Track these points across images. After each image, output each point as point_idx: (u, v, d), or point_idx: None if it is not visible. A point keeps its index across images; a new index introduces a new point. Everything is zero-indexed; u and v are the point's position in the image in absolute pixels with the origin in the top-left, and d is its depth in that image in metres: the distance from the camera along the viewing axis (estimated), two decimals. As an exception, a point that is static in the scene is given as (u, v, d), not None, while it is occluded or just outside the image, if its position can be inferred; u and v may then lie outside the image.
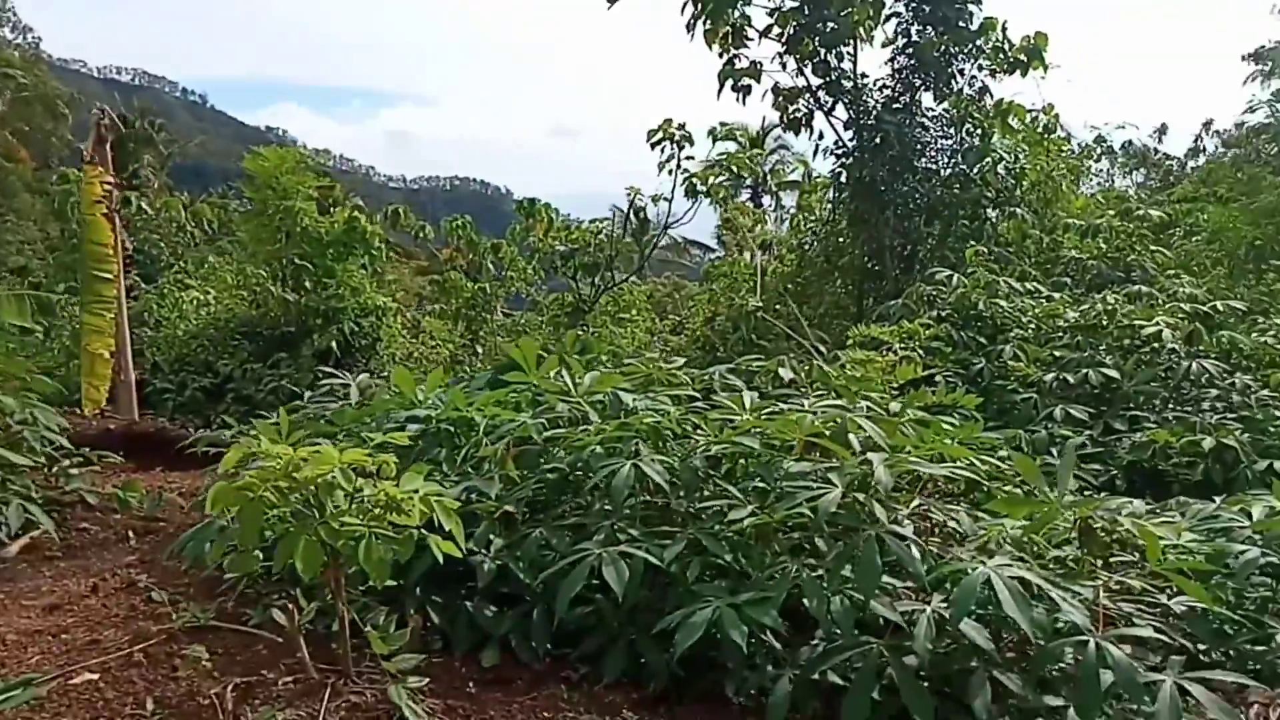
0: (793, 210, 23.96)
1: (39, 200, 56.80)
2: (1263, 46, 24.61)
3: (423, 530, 3.30)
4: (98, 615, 3.96)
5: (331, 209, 14.78)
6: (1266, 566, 4.22)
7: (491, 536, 4.04)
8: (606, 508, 4.25)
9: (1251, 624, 4.08)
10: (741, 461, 4.44)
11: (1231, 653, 3.97)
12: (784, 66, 14.04)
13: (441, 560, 3.34)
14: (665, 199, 14.82)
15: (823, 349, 9.94)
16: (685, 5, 13.57)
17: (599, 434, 4.26)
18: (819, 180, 19.33)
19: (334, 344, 12.75)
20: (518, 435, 4.34)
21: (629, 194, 15.73)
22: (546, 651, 3.86)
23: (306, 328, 13.05)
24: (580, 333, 12.42)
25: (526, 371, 5.00)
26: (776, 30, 13.92)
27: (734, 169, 16.43)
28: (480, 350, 18.89)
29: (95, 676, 3.30)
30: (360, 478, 3.29)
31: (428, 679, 3.42)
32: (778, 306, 12.77)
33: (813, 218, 16.78)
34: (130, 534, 5.51)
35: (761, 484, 4.06)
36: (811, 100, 13.97)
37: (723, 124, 15.70)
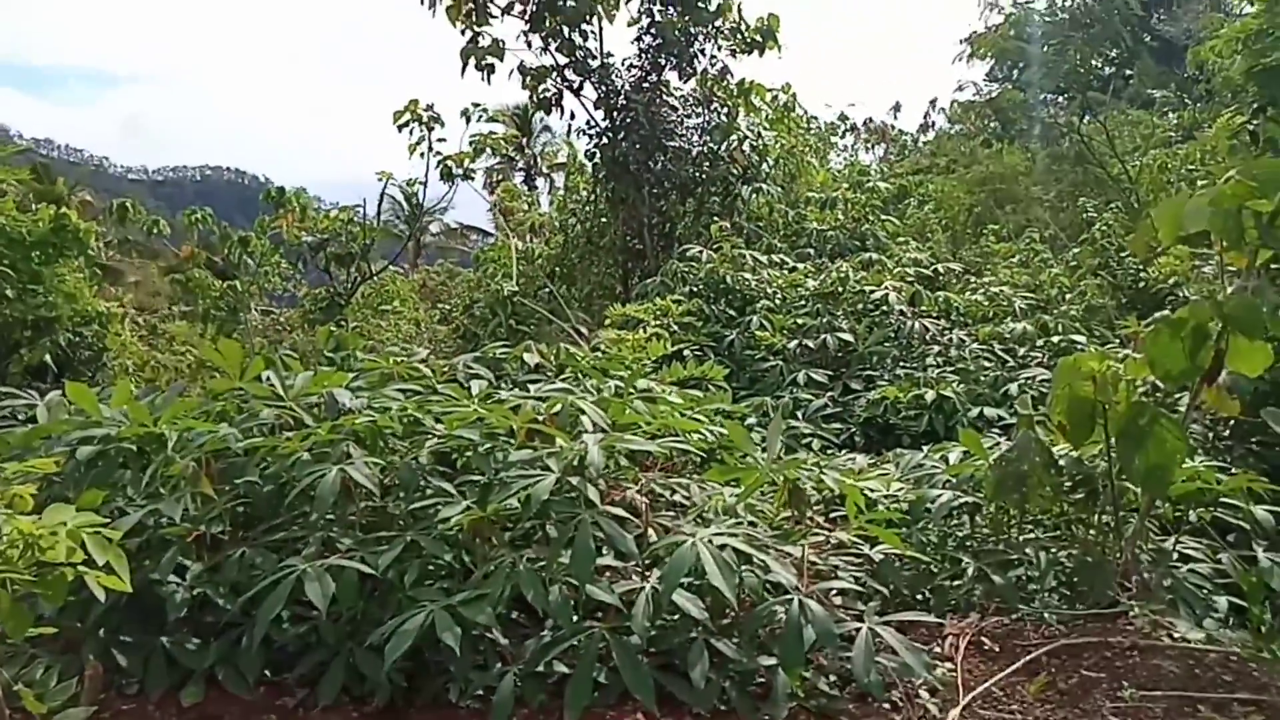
0: (559, 190, 24.06)
1: None
2: (974, 32, 27.39)
3: (81, 568, 2.89)
4: None
5: (34, 206, 13.07)
6: (961, 506, 4.63)
7: (187, 562, 3.67)
8: (328, 518, 3.98)
9: (950, 561, 4.47)
10: (468, 455, 4.30)
11: (933, 590, 4.33)
12: (529, 45, 13.94)
13: (103, 598, 2.94)
14: (420, 183, 14.31)
15: (584, 330, 9.99)
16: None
17: (306, 439, 3.96)
18: (581, 161, 19.46)
19: (48, 358, 11.33)
20: (214, 448, 3.95)
21: (379, 178, 15.05)
22: (260, 679, 3.55)
23: (13, 342, 11.50)
24: (334, 329, 11.75)
25: (230, 377, 4.57)
26: (519, 8, 13.77)
27: (493, 150, 16.15)
28: (235, 353, 17.53)
29: None
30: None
31: (104, 733, 3.04)
32: (542, 290, 12.71)
33: (577, 198, 16.87)
34: None
35: (479, 476, 3.94)
36: (559, 80, 13.96)
37: (475, 104, 15.30)
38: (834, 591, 3.72)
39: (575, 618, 3.43)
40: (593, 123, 14.00)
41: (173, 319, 19.00)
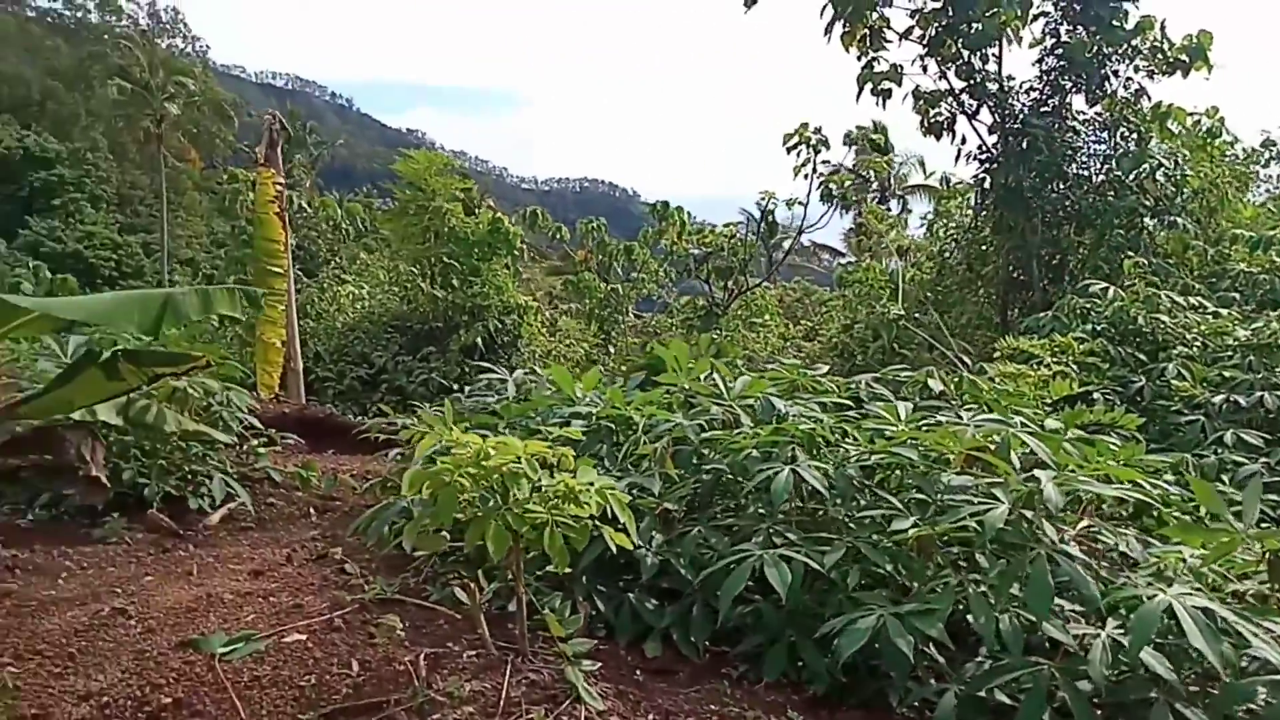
0: (928, 215, 23.43)
1: (205, 197, 61.74)
2: None
3: (596, 521, 3.47)
4: (296, 582, 4.33)
5: (474, 210, 15.38)
6: None
7: (653, 532, 4.20)
8: (760, 510, 4.36)
9: None
10: (896, 472, 4.45)
11: None
12: (925, 69, 13.79)
13: (614, 551, 3.50)
14: (800, 204, 14.75)
15: (967, 360, 9.72)
16: (825, 7, 13.47)
17: (754, 438, 4.36)
18: (958, 185, 18.84)
19: (479, 340, 13.32)
20: (675, 435, 4.48)
21: (762, 198, 15.71)
22: (705, 647, 3.99)
23: (453, 324, 13.68)
24: (714, 336, 12.52)
25: (675, 373, 5.14)
26: (917, 32, 13.68)
27: (875, 172, 16.19)
28: (612, 350, 19.31)
29: (303, 638, 3.63)
30: (541, 468, 3.50)
31: (599, 664, 3.60)
32: (918, 315, 12.53)
33: (952, 223, 16.37)
34: (311, 510, 5.96)
35: (920, 496, 4.06)
36: (954, 104, 13.65)
37: (860, 128, 15.44)
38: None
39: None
40: (984, 148, 13.54)
41: (559, 315, 21.22)
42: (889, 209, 39.15)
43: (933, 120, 13.70)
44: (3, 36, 64.76)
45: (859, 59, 13.79)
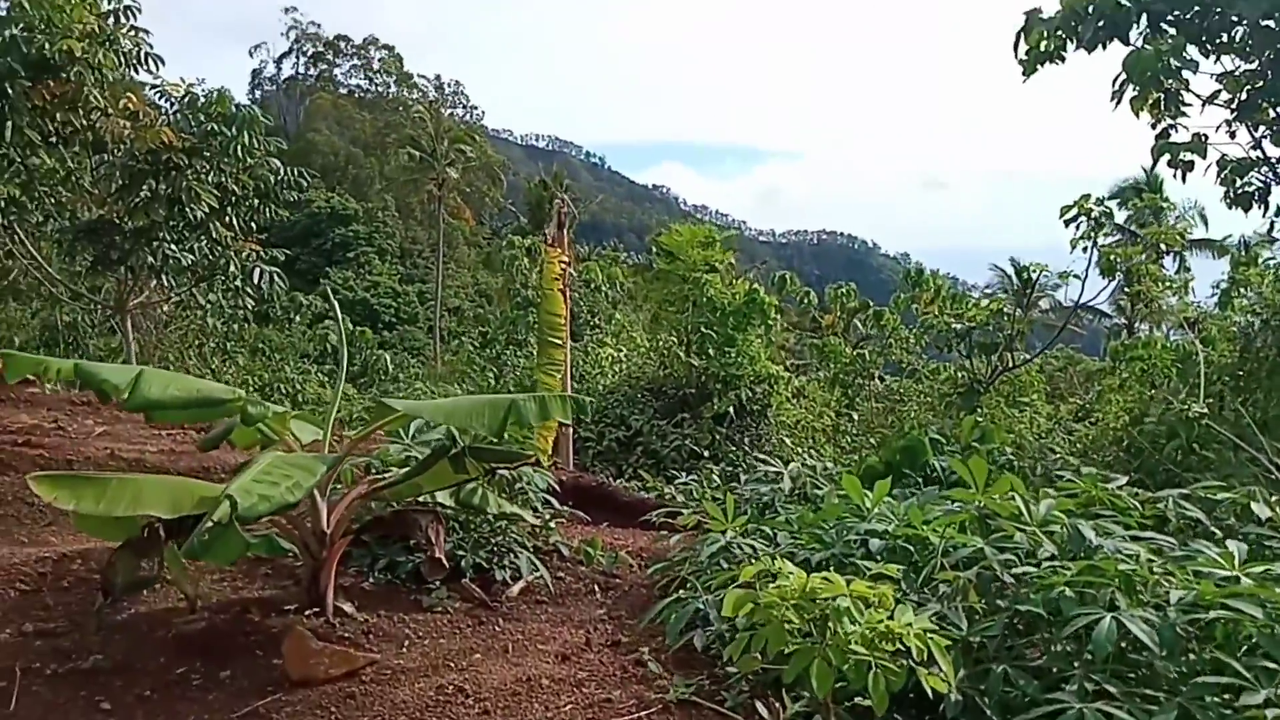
0: (1221, 282, 21.13)
1: (472, 251, 67.94)
2: None
3: (911, 662, 3.49)
4: (600, 672, 4.65)
5: (734, 279, 15.75)
6: None
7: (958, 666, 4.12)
8: (1068, 650, 4.17)
9: None
10: (1228, 625, 4.09)
11: None
12: (1232, 135, 12.54)
13: (930, 694, 3.50)
14: (1077, 277, 13.86)
15: (1283, 466, 8.64)
16: (1118, 77, 12.67)
17: (1067, 575, 4.18)
18: (1260, 247, 16.95)
19: (731, 409, 13.59)
20: (981, 565, 4.39)
21: (1034, 270, 14.89)
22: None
23: (706, 391, 14.06)
24: (978, 419, 11.93)
25: (973, 491, 5.02)
26: (1224, 96, 12.50)
27: (1167, 245, 14.89)
28: (855, 416, 18.94)
29: (618, 736, 3.91)
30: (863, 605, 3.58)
31: (905, 803, 3.59)
32: (1221, 410, 11.29)
33: (1256, 297, 14.65)
34: (596, 587, 6.34)
35: (1268, 664, 3.71)
36: (1268, 173, 12.30)
37: (1144, 192, 14.27)
38: None
39: None
40: (1306, 219, 12.10)
41: (805, 381, 21.09)
42: (1163, 266, 35.64)
43: (1240, 191, 12.40)
44: (321, 113, 75.75)
45: (1152, 126, 12.82)
